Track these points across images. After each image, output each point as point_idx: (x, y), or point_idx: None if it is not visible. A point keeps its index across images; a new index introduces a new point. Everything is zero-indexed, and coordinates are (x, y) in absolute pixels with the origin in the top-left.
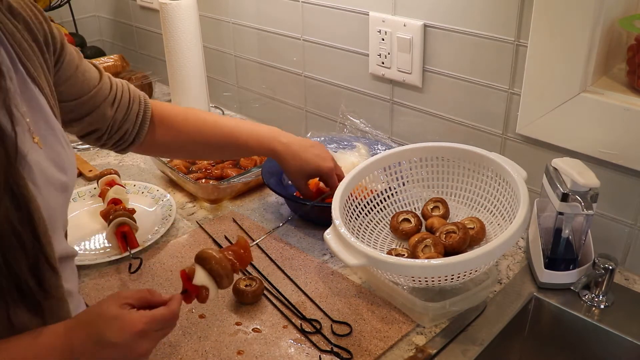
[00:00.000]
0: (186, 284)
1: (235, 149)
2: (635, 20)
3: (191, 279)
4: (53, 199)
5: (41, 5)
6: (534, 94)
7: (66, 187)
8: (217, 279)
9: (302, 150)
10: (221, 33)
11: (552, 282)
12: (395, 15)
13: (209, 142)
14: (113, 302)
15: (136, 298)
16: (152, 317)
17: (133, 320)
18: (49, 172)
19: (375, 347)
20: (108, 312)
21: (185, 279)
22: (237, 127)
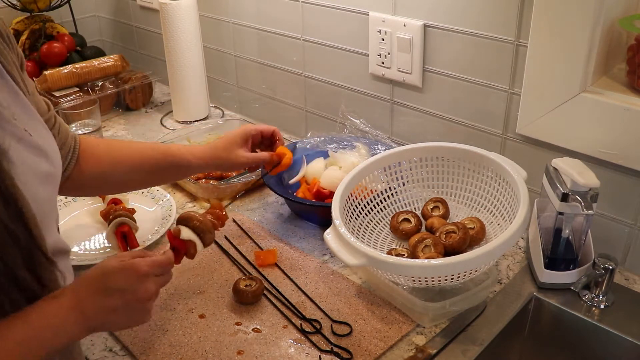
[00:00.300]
0: (174, 241)
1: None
2: (635, 20)
3: (175, 234)
4: (41, 191)
5: (41, 5)
6: (534, 94)
7: (52, 177)
8: (201, 234)
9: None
10: (221, 33)
11: (552, 282)
12: (395, 15)
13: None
14: (112, 259)
15: (132, 255)
16: (153, 260)
17: (135, 265)
18: (34, 163)
19: (375, 347)
20: (110, 264)
21: (171, 237)
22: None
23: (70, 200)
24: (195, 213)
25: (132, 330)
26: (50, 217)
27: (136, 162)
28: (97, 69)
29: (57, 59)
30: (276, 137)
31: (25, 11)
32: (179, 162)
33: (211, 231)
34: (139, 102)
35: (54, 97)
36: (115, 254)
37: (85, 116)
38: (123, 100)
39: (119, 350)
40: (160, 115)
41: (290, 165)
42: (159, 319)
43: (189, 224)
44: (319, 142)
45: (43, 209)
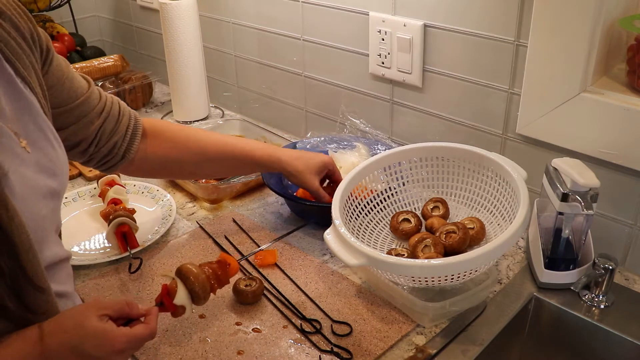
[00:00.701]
0: (165, 298)
1: (238, 162)
2: (635, 20)
3: (171, 295)
4: (42, 207)
5: (41, 5)
6: (534, 94)
7: (56, 193)
8: (195, 299)
9: (300, 153)
10: (221, 33)
11: (552, 282)
12: (395, 15)
13: (209, 154)
14: (92, 312)
15: (115, 310)
16: (133, 336)
17: (115, 339)
18: (35, 181)
19: (375, 347)
20: (89, 324)
21: (165, 293)
22: (236, 139)
23: (70, 200)
24: (197, 270)
25: None
26: (49, 230)
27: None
28: (97, 69)
29: None
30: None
31: None
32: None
33: (206, 297)
34: (139, 102)
35: None
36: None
37: None
38: (123, 100)
39: None
40: (160, 115)
41: None
42: (159, 319)
43: (188, 284)
44: (319, 142)
45: (42, 224)
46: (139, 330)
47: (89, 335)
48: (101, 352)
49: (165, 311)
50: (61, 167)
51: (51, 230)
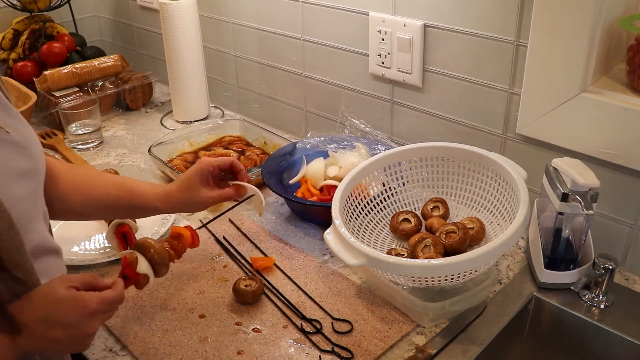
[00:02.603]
0: (128, 270)
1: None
2: (635, 20)
3: (132, 266)
4: (19, 188)
5: (41, 5)
6: (534, 94)
7: (32, 173)
8: (156, 267)
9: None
10: (221, 33)
11: (552, 282)
12: (395, 15)
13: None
14: (60, 284)
15: (81, 281)
16: (103, 297)
17: (85, 301)
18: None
19: (375, 347)
20: (57, 293)
21: (126, 265)
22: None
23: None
24: (154, 241)
25: (132, 330)
26: (31, 214)
27: (98, 195)
28: (97, 69)
29: (57, 59)
30: (236, 168)
31: (25, 11)
32: (143, 204)
33: (167, 264)
34: (139, 102)
35: (54, 97)
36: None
37: (85, 116)
38: (123, 100)
39: (119, 350)
40: (160, 115)
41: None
42: (159, 319)
43: (147, 253)
44: (319, 142)
45: (21, 207)
46: (108, 292)
47: (58, 302)
48: (74, 316)
49: (130, 284)
50: (37, 148)
51: (35, 215)
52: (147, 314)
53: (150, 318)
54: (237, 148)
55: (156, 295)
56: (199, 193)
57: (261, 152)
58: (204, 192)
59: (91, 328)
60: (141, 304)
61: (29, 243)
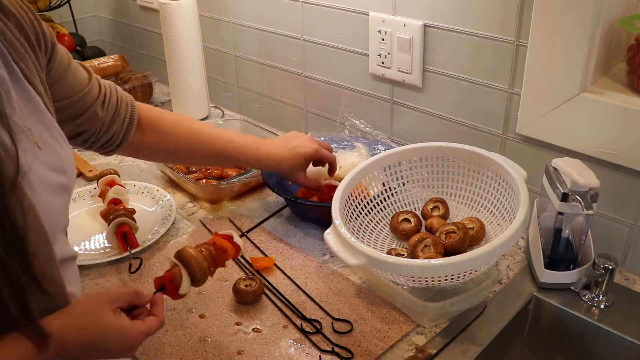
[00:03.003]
0: (169, 285)
1: (227, 160)
2: (635, 20)
3: (175, 284)
4: (53, 203)
5: (41, 5)
6: (534, 94)
7: (66, 188)
8: (194, 282)
9: (284, 152)
10: (221, 33)
11: (552, 282)
12: (395, 15)
13: (199, 151)
14: (107, 307)
15: (126, 301)
16: (148, 331)
17: (134, 336)
18: (47, 175)
19: (375, 347)
20: (106, 321)
21: (168, 280)
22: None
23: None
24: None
25: None
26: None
27: (194, 147)
28: (97, 69)
29: None
30: (332, 166)
31: None
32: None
33: (205, 281)
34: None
35: None
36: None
37: None
38: None
39: None
40: None
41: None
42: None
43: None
44: None
45: (56, 220)
46: (152, 323)
47: (108, 333)
48: (119, 348)
49: (167, 294)
50: (69, 163)
51: (61, 227)
52: None
53: None
54: None
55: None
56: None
57: None
58: (298, 175)
59: (129, 355)
60: None
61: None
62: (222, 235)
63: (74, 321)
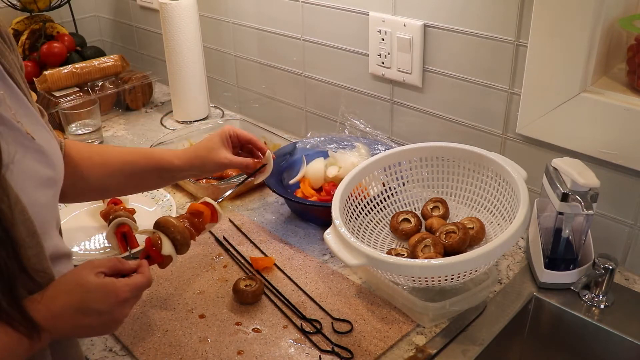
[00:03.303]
0: (151, 250)
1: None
2: (635, 20)
3: (156, 247)
4: (41, 196)
5: (41, 5)
6: (534, 94)
7: (53, 181)
8: (178, 247)
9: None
10: (221, 33)
11: (552, 282)
12: (395, 15)
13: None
14: (88, 271)
15: (108, 267)
16: (134, 284)
17: (117, 289)
18: (35, 169)
19: (375, 347)
20: (89, 281)
21: (150, 247)
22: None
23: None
24: (174, 220)
25: (132, 330)
26: (50, 222)
27: (115, 165)
28: (97, 69)
29: (57, 59)
30: (256, 145)
31: (25, 11)
32: (160, 164)
33: (188, 243)
34: (139, 102)
35: (54, 97)
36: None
37: (85, 116)
38: (123, 100)
39: (119, 350)
40: (160, 115)
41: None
42: (159, 319)
43: (169, 234)
44: (319, 142)
45: (43, 214)
46: (138, 278)
47: (91, 291)
48: (106, 304)
49: (153, 263)
50: (57, 157)
51: (51, 222)
52: (147, 314)
53: (150, 318)
54: None
55: (156, 295)
56: (218, 153)
57: None
58: (223, 153)
59: (123, 314)
60: (141, 304)
61: (47, 250)
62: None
63: (59, 288)
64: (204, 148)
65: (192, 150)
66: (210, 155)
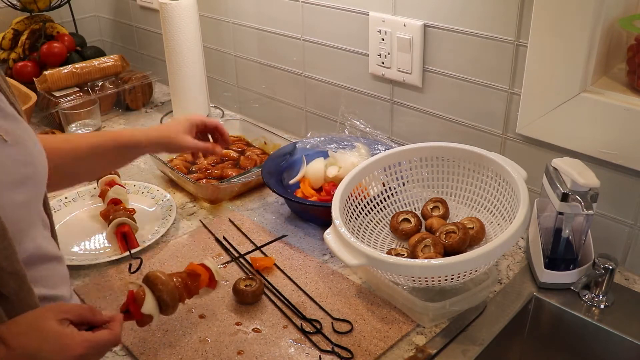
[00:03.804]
0: (132, 305)
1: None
2: (635, 20)
3: (138, 302)
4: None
5: (41, 5)
6: (534, 94)
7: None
8: (163, 308)
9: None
10: (221, 33)
11: (552, 282)
12: (395, 15)
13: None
14: (51, 315)
15: (76, 314)
16: (95, 342)
17: (75, 343)
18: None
19: (375, 347)
20: (47, 327)
21: (131, 301)
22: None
23: (70, 200)
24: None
25: (132, 330)
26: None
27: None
28: (97, 69)
29: (57, 59)
30: (220, 130)
31: (25, 11)
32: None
33: (175, 305)
34: (139, 102)
35: (54, 97)
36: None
37: (85, 116)
38: (123, 100)
39: (118, 350)
40: (160, 115)
41: None
42: (163, 321)
43: (156, 292)
44: (319, 142)
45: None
46: (102, 335)
47: (47, 339)
48: (60, 357)
49: (131, 319)
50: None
51: (32, 222)
52: None
53: None
54: (237, 148)
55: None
56: (181, 136)
57: (261, 152)
58: (185, 137)
59: None
60: None
61: (24, 252)
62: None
63: (16, 328)
64: (167, 129)
65: (160, 130)
66: (173, 138)
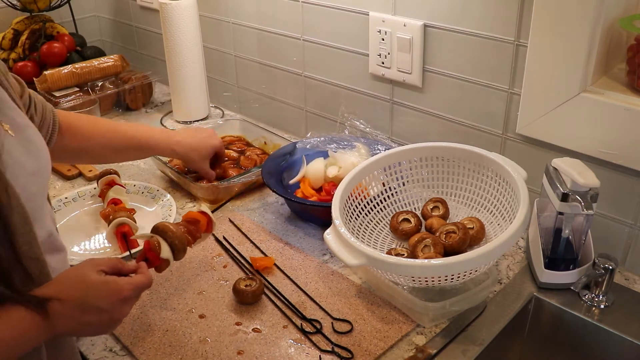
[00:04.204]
0: (149, 253)
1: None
2: (635, 20)
3: (154, 250)
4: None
5: (41, 5)
6: (534, 94)
7: (39, 172)
8: (176, 252)
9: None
10: (221, 33)
11: (552, 282)
12: (395, 15)
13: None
14: (90, 268)
15: (109, 265)
16: (136, 283)
17: (120, 287)
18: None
19: (375, 347)
20: (90, 278)
21: (148, 248)
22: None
23: (70, 200)
24: (172, 226)
25: (132, 330)
26: (41, 210)
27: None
28: (97, 69)
29: (57, 59)
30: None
31: (25, 11)
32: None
33: (185, 249)
34: (139, 102)
35: (54, 97)
36: (92, 258)
37: None
38: (123, 100)
39: (119, 350)
40: (160, 115)
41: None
42: (159, 319)
43: (167, 238)
44: (319, 142)
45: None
46: (139, 278)
47: (93, 288)
48: (107, 302)
49: (150, 267)
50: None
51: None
52: (147, 314)
53: (150, 318)
54: (237, 148)
55: (156, 295)
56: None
57: (261, 152)
58: (205, 164)
59: (123, 313)
60: (141, 304)
61: (40, 237)
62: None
63: (60, 286)
64: (198, 156)
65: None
66: (199, 163)
